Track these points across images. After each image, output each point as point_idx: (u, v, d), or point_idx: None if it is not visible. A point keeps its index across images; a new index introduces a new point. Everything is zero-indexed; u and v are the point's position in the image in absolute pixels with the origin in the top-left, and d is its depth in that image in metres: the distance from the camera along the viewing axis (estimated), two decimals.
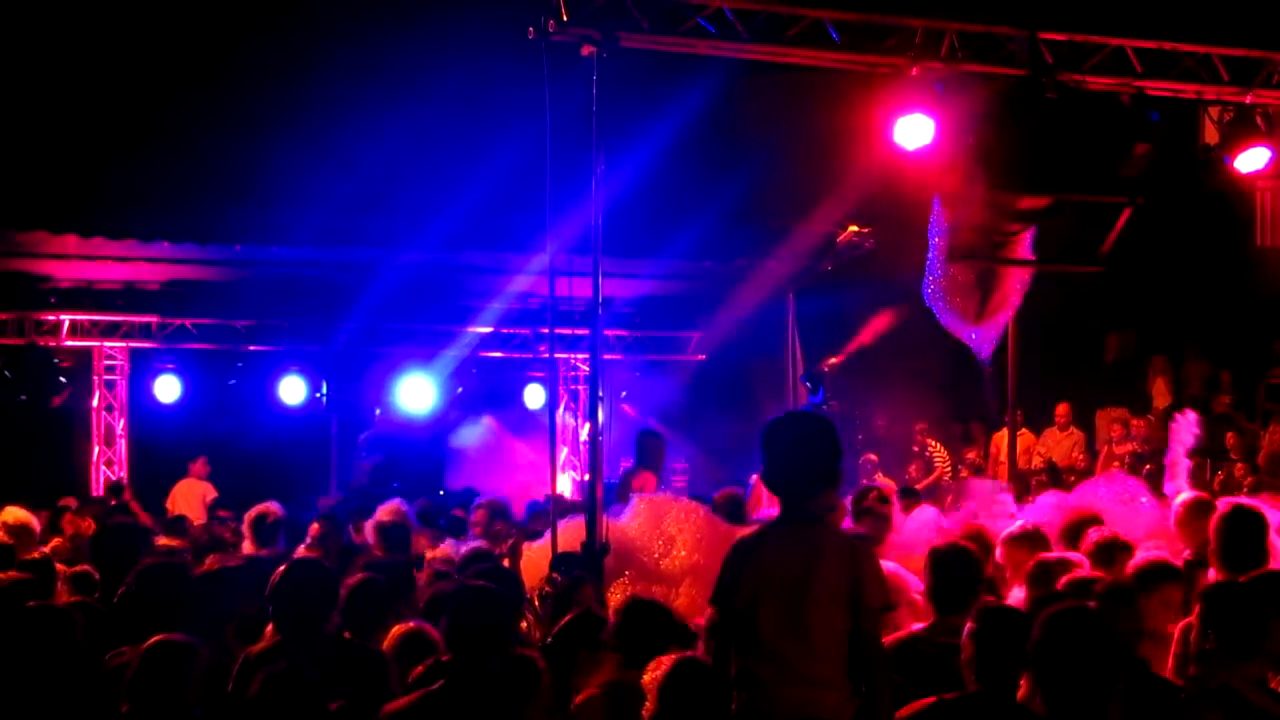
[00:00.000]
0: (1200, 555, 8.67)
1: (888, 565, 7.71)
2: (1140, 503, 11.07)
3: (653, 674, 6.39)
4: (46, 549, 12.03)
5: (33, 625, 6.61)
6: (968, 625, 6.52)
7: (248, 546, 10.96)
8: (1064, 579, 7.91)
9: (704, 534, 10.50)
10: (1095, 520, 9.62)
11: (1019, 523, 9.76)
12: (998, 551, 9.42)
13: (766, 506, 11.77)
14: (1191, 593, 7.38)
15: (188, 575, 8.14)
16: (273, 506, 11.25)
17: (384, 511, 12.04)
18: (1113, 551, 8.67)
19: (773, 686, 6.30)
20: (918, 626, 7.67)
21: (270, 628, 8.00)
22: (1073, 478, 19.37)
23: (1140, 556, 8.36)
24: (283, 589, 7.35)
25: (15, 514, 11.51)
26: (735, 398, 21.76)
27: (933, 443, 21.22)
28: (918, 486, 18.15)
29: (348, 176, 15.84)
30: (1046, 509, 10.82)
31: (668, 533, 10.63)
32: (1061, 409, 21.65)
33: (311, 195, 15.95)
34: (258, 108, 16.14)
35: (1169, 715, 6.37)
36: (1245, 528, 8.20)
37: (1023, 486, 17.40)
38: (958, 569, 7.63)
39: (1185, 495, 9.81)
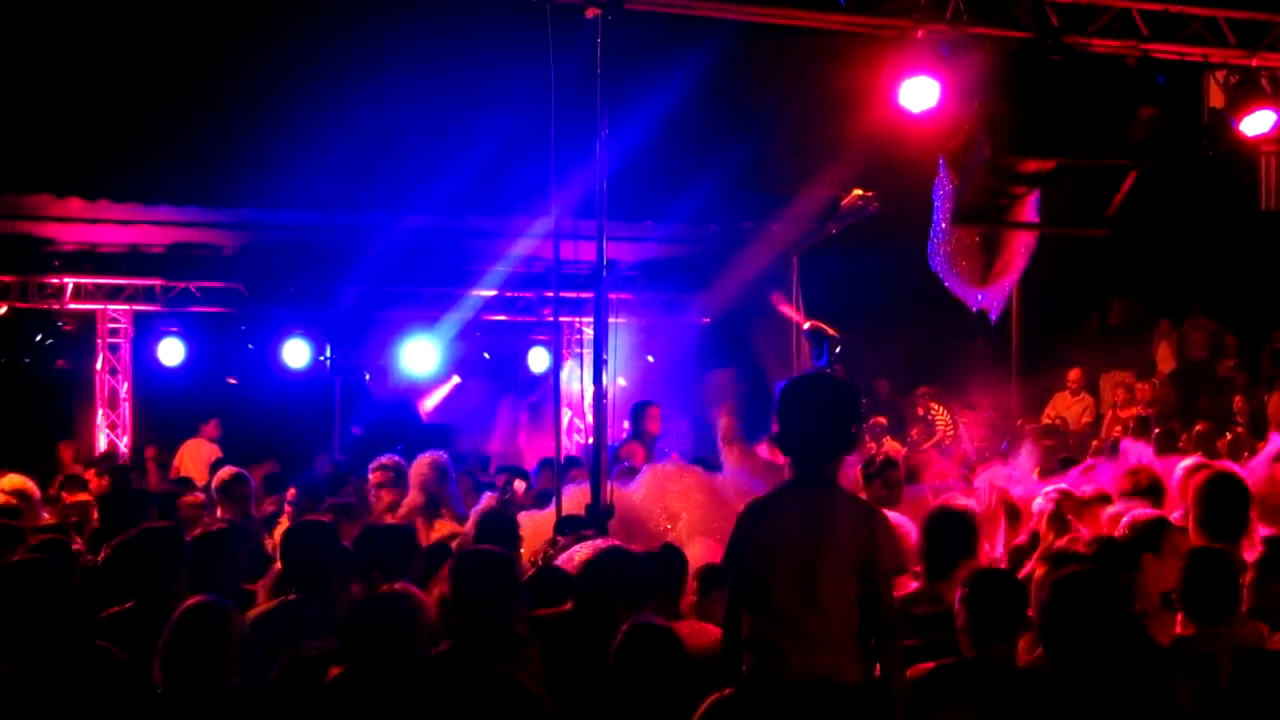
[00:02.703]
0: None
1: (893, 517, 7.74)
2: None
3: None
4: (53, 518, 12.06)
5: (15, 578, 6.63)
6: (959, 590, 6.58)
7: (220, 511, 10.93)
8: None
9: (705, 499, 10.60)
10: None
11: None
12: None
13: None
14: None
15: (181, 540, 8.15)
16: (227, 469, 11.24)
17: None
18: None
19: (784, 650, 6.33)
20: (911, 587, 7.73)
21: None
22: (1071, 441, 19.47)
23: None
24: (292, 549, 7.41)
25: (14, 481, 11.49)
26: (739, 361, 21.76)
27: (935, 406, 21.23)
28: (920, 449, 18.18)
29: (351, 139, 15.79)
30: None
31: (671, 507, 10.72)
32: (1074, 374, 21.72)
33: (315, 158, 15.91)
34: (261, 71, 16.09)
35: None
36: (1228, 493, 8.20)
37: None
38: (948, 534, 7.69)
39: (1188, 461, 9.84)
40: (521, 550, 9.25)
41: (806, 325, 17.04)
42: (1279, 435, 11.66)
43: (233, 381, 23.52)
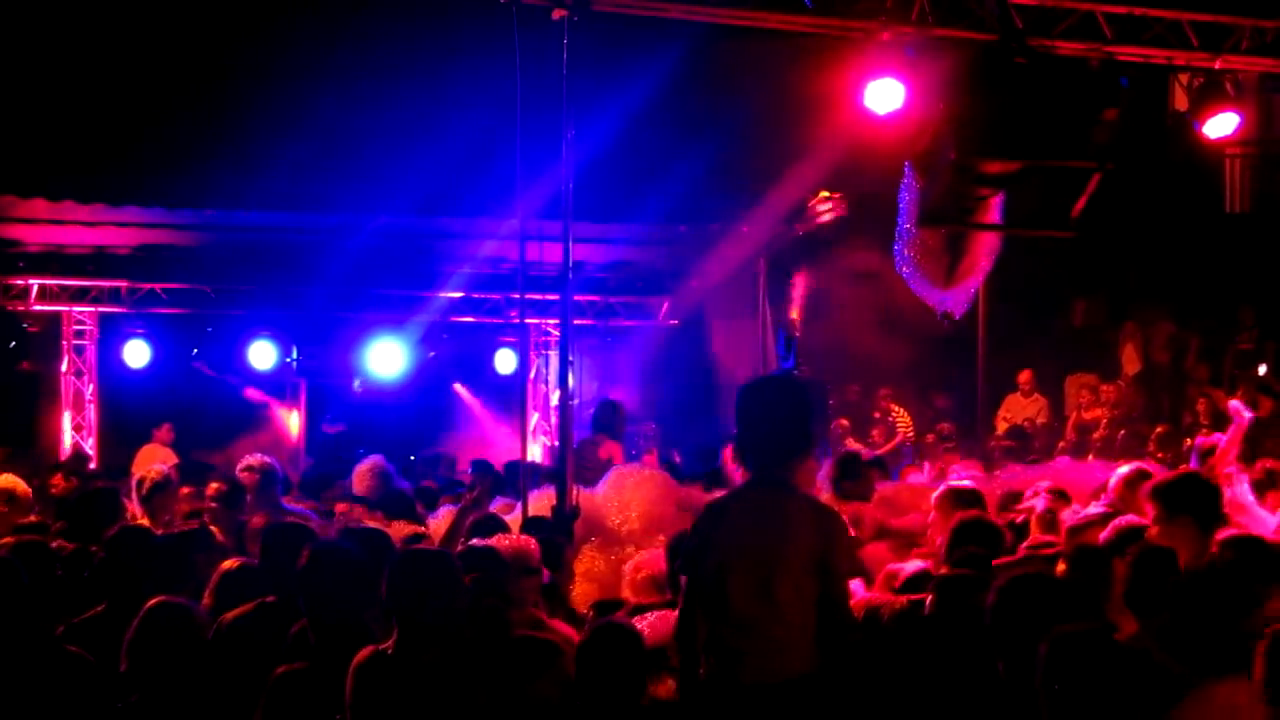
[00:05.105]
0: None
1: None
2: None
3: None
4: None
5: None
6: (929, 595, 6.61)
7: (135, 509, 10.79)
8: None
9: (657, 496, 10.70)
10: None
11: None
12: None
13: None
14: None
15: (154, 541, 8.13)
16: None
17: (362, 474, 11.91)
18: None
19: (743, 652, 6.32)
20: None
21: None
22: (1037, 442, 19.50)
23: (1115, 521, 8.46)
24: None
25: (6, 479, 11.38)
26: (706, 364, 21.79)
27: (895, 407, 21.23)
28: (879, 452, 18.19)
29: (317, 140, 15.78)
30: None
31: (625, 498, 10.80)
32: (1024, 376, 21.73)
33: (281, 159, 15.89)
34: (227, 72, 16.06)
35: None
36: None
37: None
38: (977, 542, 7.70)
39: (1125, 469, 9.89)
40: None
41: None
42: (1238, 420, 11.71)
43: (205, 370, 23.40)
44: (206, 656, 6.61)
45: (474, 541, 8.23)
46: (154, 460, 19.34)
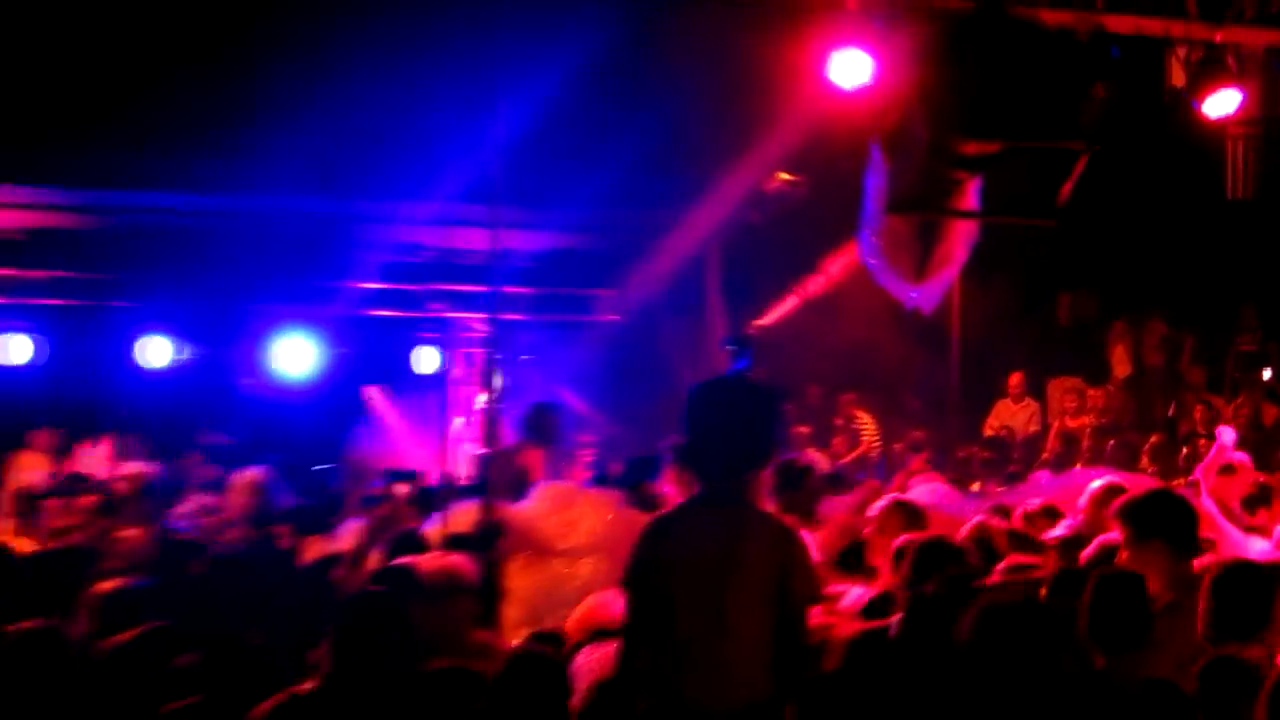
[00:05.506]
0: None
1: None
2: None
3: None
4: None
5: None
6: (896, 616, 6.60)
7: (8, 526, 10.72)
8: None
9: (608, 519, 10.65)
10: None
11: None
12: None
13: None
14: None
15: (21, 560, 8.05)
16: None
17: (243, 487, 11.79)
18: None
19: (690, 681, 6.25)
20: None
21: None
22: (1017, 453, 19.51)
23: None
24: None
25: None
26: (652, 364, 21.69)
27: (861, 414, 21.17)
28: (842, 462, 18.16)
29: (221, 116, 15.65)
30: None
31: (570, 517, 10.73)
32: (1015, 379, 21.71)
33: (182, 136, 15.76)
34: (116, 40, 15.90)
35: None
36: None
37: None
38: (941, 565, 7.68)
39: (1098, 483, 9.89)
40: None
41: None
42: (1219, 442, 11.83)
43: None
44: (80, 688, 6.51)
45: (395, 561, 8.15)
46: (29, 469, 19.18)
